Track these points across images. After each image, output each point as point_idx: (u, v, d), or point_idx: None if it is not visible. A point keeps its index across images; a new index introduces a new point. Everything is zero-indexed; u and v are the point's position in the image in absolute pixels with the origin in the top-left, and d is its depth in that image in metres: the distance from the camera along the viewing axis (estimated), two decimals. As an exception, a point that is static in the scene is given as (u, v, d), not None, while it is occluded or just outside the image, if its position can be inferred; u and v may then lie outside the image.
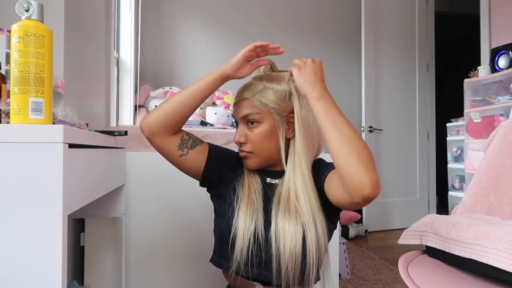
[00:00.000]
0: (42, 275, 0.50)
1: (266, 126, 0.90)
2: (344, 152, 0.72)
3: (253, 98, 0.89)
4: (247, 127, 0.91)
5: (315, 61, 0.84)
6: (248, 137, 0.90)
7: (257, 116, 0.89)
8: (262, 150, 0.91)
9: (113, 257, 1.46)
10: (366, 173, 0.70)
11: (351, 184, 0.71)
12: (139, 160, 1.46)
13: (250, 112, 0.89)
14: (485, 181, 1.31)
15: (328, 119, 0.76)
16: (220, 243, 0.92)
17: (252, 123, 0.90)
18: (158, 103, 2.73)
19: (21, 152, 0.50)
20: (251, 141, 0.90)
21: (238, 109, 0.91)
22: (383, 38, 3.39)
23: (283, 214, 0.86)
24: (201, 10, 3.25)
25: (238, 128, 0.93)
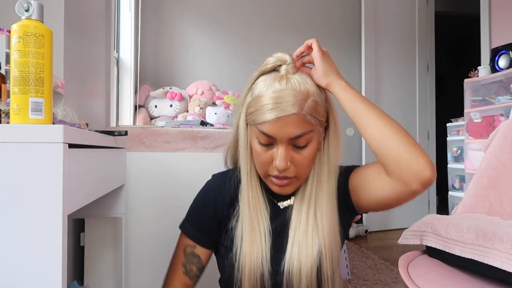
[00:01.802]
0: (42, 275, 0.50)
1: (314, 144, 0.75)
2: (393, 137, 0.66)
3: (304, 113, 0.70)
4: (293, 148, 0.73)
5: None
6: (294, 160, 0.73)
7: (309, 135, 0.73)
8: (306, 173, 0.77)
9: (113, 257, 1.46)
10: (420, 154, 0.64)
11: (407, 171, 0.63)
12: (139, 160, 1.46)
13: (303, 132, 0.71)
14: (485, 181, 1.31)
15: (366, 106, 0.70)
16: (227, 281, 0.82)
17: (301, 146, 0.73)
18: (158, 103, 2.73)
19: (21, 152, 0.50)
20: (298, 165, 0.74)
21: (284, 128, 0.70)
22: (383, 38, 3.39)
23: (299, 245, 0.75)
24: (201, 10, 3.25)
25: (280, 152, 0.72)
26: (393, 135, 0.66)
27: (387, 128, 0.67)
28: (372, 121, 0.68)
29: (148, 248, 1.47)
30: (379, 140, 0.67)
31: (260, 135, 0.73)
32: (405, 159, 0.64)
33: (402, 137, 0.66)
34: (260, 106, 0.71)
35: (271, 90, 0.71)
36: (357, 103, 0.71)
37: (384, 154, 0.67)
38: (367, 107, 0.70)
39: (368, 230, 3.18)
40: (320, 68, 0.74)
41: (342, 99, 0.72)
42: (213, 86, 2.88)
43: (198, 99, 2.73)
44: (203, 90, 2.80)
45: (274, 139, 0.72)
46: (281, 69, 0.75)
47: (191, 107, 2.72)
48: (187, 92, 2.83)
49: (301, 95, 0.71)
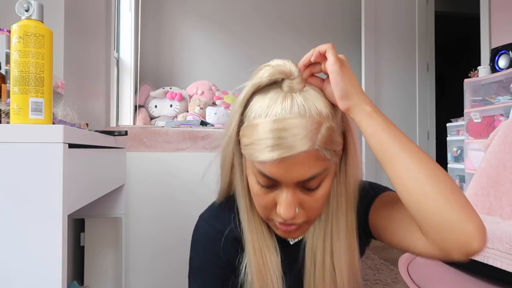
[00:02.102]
0: (42, 275, 0.50)
1: (329, 181, 0.58)
2: (435, 195, 0.48)
3: (317, 147, 0.53)
4: (302, 190, 0.57)
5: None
6: (303, 204, 0.57)
7: (324, 174, 0.56)
8: (319, 214, 0.62)
9: (113, 257, 1.46)
10: (469, 218, 0.47)
11: (449, 240, 0.48)
12: (139, 160, 1.46)
13: (317, 173, 0.55)
14: (485, 181, 1.31)
15: (397, 141, 0.52)
16: None
17: (312, 189, 0.57)
18: (158, 103, 2.73)
19: (21, 152, 0.50)
20: (309, 209, 0.58)
21: (293, 169, 0.53)
22: (383, 38, 3.39)
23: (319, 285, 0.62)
24: (202, 10, 3.25)
25: (284, 198, 0.56)
26: (435, 192, 0.49)
27: (428, 181, 0.49)
28: (407, 169, 0.51)
29: (148, 248, 1.47)
30: (415, 196, 0.50)
31: (259, 175, 0.56)
32: (448, 225, 0.48)
33: (447, 194, 0.48)
34: (257, 140, 0.53)
35: (271, 118, 0.53)
36: (387, 140, 0.53)
37: (421, 215, 0.50)
38: (401, 146, 0.52)
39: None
40: (338, 87, 0.55)
41: (367, 132, 0.54)
42: (213, 86, 2.89)
43: (198, 99, 2.73)
44: (203, 90, 2.80)
45: (277, 181, 0.56)
46: (284, 85, 0.56)
47: (191, 107, 2.72)
48: (187, 92, 2.83)
49: (312, 123, 0.53)
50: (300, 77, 0.57)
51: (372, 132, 0.54)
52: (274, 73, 0.56)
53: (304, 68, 0.59)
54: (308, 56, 0.59)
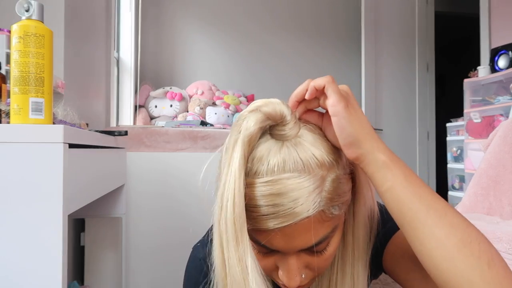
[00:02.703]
0: (42, 275, 0.50)
1: (339, 235, 0.50)
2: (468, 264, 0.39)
3: (323, 209, 0.44)
4: (309, 253, 0.47)
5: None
6: (310, 265, 0.49)
7: (332, 234, 0.47)
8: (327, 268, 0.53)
9: (113, 257, 1.46)
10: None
11: None
12: (139, 160, 1.46)
13: (324, 237, 0.46)
14: (484, 181, 1.31)
15: (420, 200, 0.41)
16: None
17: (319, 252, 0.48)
18: (158, 103, 2.73)
19: (21, 152, 0.50)
20: (317, 269, 0.49)
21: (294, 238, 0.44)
22: (383, 38, 3.39)
23: None
24: (202, 10, 3.25)
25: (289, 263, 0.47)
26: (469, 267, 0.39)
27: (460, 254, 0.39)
28: (433, 238, 0.40)
29: (148, 248, 1.47)
30: (444, 272, 0.39)
31: (254, 243, 0.47)
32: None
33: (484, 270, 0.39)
34: (247, 205, 0.43)
35: (264, 179, 0.43)
36: (407, 199, 0.42)
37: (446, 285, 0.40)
38: (426, 208, 0.41)
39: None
40: (345, 133, 0.43)
41: (382, 188, 0.43)
42: (213, 86, 2.89)
43: (198, 99, 2.73)
44: (203, 90, 2.81)
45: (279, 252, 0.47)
46: (274, 133, 0.45)
47: (191, 107, 2.72)
48: (187, 92, 2.83)
49: (314, 180, 0.43)
50: (293, 121, 0.45)
51: (388, 189, 0.43)
52: (263, 119, 0.44)
53: (297, 105, 0.48)
54: (302, 91, 0.47)
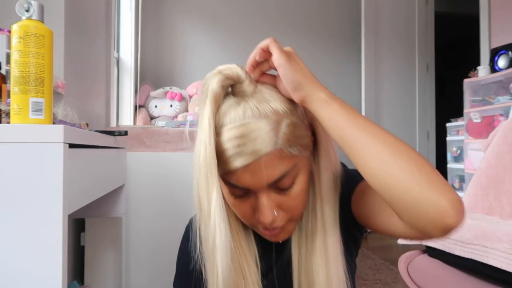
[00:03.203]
0: (42, 275, 0.50)
1: (304, 176, 0.56)
2: (401, 174, 0.45)
3: (280, 147, 0.51)
4: (277, 191, 0.55)
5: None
6: (282, 205, 0.56)
7: (295, 170, 0.54)
8: (301, 209, 0.59)
9: (113, 257, 1.46)
10: (440, 193, 0.44)
11: (423, 219, 0.45)
12: (139, 160, 1.46)
13: (285, 171, 0.53)
14: (485, 181, 1.31)
15: (355, 125, 0.48)
16: None
17: (285, 189, 0.55)
18: (158, 103, 2.73)
19: (21, 152, 0.50)
20: (288, 208, 0.56)
21: (257, 175, 0.52)
22: (383, 38, 3.39)
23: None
24: (202, 10, 3.25)
25: (259, 201, 0.54)
26: (400, 171, 0.45)
27: (391, 161, 0.46)
28: (368, 151, 0.47)
29: (148, 248, 1.47)
30: (381, 179, 0.46)
31: (229, 187, 0.55)
32: (418, 204, 0.44)
33: (414, 172, 0.45)
34: (222, 150, 0.51)
35: (228, 127, 0.51)
36: (345, 125, 0.49)
37: (389, 198, 0.46)
38: (361, 130, 0.48)
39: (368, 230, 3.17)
40: (288, 79, 0.52)
41: (324, 120, 0.50)
42: (213, 86, 2.88)
43: (198, 99, 2.73)
44: (203, 90, 2.80)
45: (248, 189, 0.54)
46: (236, 90, 0.54)
47: (191, 107, 2.72)
48: (187, 92, 2.83)
49: (270, 123, 0.51)
50: (248, 79, 0.54)
51: (329, 119, 0.50)
52: (223, 80, 0.53)
53: (252, 69, 0.57)
54: (253, 56, 0.57)
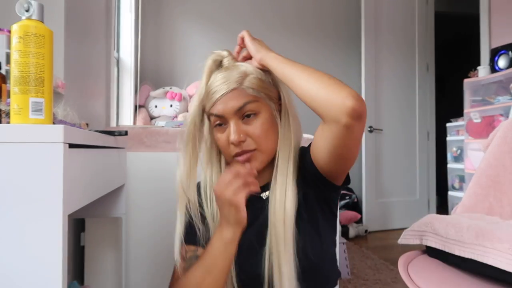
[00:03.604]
0: (42, 275, 0.50)
1: (265, 115, 0.79)
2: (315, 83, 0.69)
3: (244, 87, 0.77)
4: (243, 121, 0.78)
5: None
6: (248, 132, 0.77)
7: (254, 105, 0.77)
8: (268, 144, 0.79)
9: (113, 257, 1.46)
10: (341, 89, 0.65)
11: (332, 107, 0.65)
12: (139, 160, 1.46)
13: (246, 101, 0.76)
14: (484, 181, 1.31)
15: (293, 66, 0.73)
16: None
17: (249, 116, 0.77)
18: (158, 103, 2.73)
19: (21, 152, 0.50)
20: (253, 136, 0.77)
21: (228, 102, 0.76)
22: (383, 38, 3.39)
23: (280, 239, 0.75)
24: (202, 10, 3.25)
25: (230, 126, 0.77)
26: (314, 79, 0.70)
27: (310, 76, 0.70)
28: (297, 75, 0.72)
29: (148, 248, 1.47)
30: (305, 87, 0.70)
31: (214, 119, 0.79)
32: (327, 97, 0.66)
33: (323, 79, 0.69)
34: (208, 93, 0.79)
35: (215, 78, 0.79)
36: (287, 67, 0.74)
37: (312, 98, 0.69)
38: (294, 65, 0.74)
39: (368, 230, 3.18)
40: (252, 48, 0.81)
41: (273, 66, 0.76)
42: (213, 86, 2.88)
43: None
44: (203, 90, 2.80)
45: (224, 117, 0.78)
46: (223, 63, 0.83)
47: (191, 107, 2.72)
48: (187, 92, 2.83)
49: (239, 74, 0.78)
50: (230, 56, 0.84)
51: (277, 66, 0.75)
52: (214, 57, 0.83)
53: (237, 55, 0.86)
54: (237, 46, 0.86)
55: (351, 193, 3.35)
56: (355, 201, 3.33)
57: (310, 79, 0.70)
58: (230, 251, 0.73)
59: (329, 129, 0.68)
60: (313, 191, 0.81)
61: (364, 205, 3.27)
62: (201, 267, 0.74)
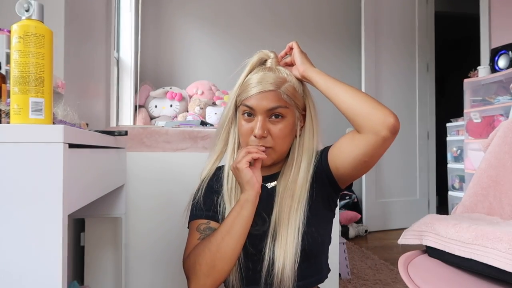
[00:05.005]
0: (42, 275, 0.50)
1: (289, 121, 0.87)
2: (360, 98, 0.80)
3: (280, 91, 0.85)
4: (270, 120, 0.86)
5: None
6: (270, 131, 0.86)
7: (284, 110, 0.85)
8: (283, 147, 0.88)
9: (113, 257, 1.46)
10: (383, 107, 0.78)
11: (375, 121, 0.76)
12: (139, 160, 1.46)
13: (278, 105, 0.85)
14: (485, 181, 1.31)
15: (337, 82, 0.83)
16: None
17: (277, 117, 0.86)
18: (158, 103, 2.73)
19: (21, 152, 0.50)
20: (273, 136, 0.86)
21: (263, 100, 0.85)
22: (383, 38, 3.39)
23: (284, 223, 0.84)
24: (201, 9, 3.25)
25: (258, 121, 0.85)
26: (360, 97, 0.81)
27: (355, 93, 0.81)
28: (342, 91, 0.82)
29: (148, 248, 1.47)
30: (349, 102, 0.80)
31: (244, 109, 0.87)
32: (372, 111, 0.77)
33: (367, 98, 0.81)
34: (246, 86, 0.87)
35: (257, 75, 0.87)
36: (329, 81, 0.84)
37: (355, 112, 0.79)
38: (338, 82, 0.84)
39: (368, 230, 3.18)
40: (298, 58, 0.89)
41: (316, 79, 0.85)
42: (213, 86, 2.89)
43: (198, 99, 2.73)
44: (203, 90, 2.80)
45: (254, 110, 0.85)
46: (267, 63, 0.92)
47: (191, 107, 2.72)
48: (187, 92, 2.83)
49: (280, 78, 0.86)
50: (276, 58, 0.92)
51: (319, 79, 0.85)
52: (262, 55, 0.92)
53: (281, 59, 0.94)
54: (283, 51, 0.95)
55: (351, 193, 3.35)
56: (355, 201, 3.33)
57: (354, 96, 0.81)
58: (246, 211, 0.82)
59: (365, 138, 0.79)
60: (320, 187, 0.89)
61: (364, 205, 3.27)
62: (221, 229, 0.82)
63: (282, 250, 0.82)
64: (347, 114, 0.81)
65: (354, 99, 0.80)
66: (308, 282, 0.87)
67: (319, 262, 0.90)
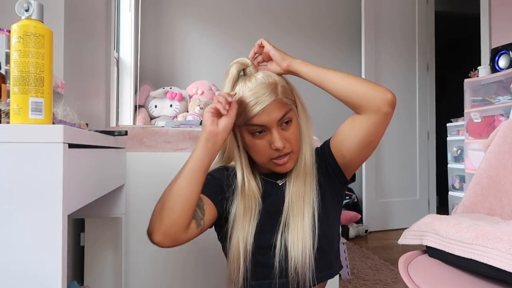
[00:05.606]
0: (42, 275, 0.50)
1: (295, 120, 0.89)
2: (356, 81, 0.82)
3: (280, 97, 0.84)
4: (282, 128, 0.86)
5: None
6: (286, 138, 0.86)
7: (290, 113, 0.86)
8: (298, 146, 0.89)
9: (113, 257, 1.46)
10: (380, 86, 0.81)
11: (375, 99, 0.79)
12: (139, 160, 1.46)
13: (286, 111, 0.85)
14: (485, 181, 1.31)
15: (324, 69, 0.84)
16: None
17: (287, 123, 0.86)
18: (158, 103, 2.73)
19: (21, 152, 0.50)
20: (290, 141, 0.86)
21: (271, 113, 0.83)
22: (383, 38, 3.39)
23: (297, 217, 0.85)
24: (201, 9, 3.25)
25: (274, 134, 0.84)
26: (355, 80, 0.83)
27: (347, 76, 0.83)
28: (335, 76, 0.83)
29: (148, 248, 1.46)
30: (345, 85, 0.82)
31: (253, 129, 0.85)
32: (369, 91, 0.80)
33: (360, 78, 0.83)
34: (245, 106, 0.84)
35: (247, 90, 0.84)
36: (318, 69, 0.85)
37: (353, 94, 0.81)
38: (327, 70, 0.85)
39: (368, 230, 3.18)
40: (276, 56, 0.88)
41: (304, 71, 0.86)
42: (213, 86, 2.89)
43: (198, 99, 2.73)
44: (203, 90, 2.80)
45: (266, 126, 0.84)
46: (247, 72, 0.90)
47: (191, 107, 2.72)
48: (187, 92, 2.83)
49: (271, 85, 0.85)
50: (253, 65, 0.90)
51: (308, 70, 0.86)
52: (238, 67, 0.89)
53: (252, 60, 0.92)
54: (252, 51, 0.94)
55: (351, 193, 3.35)
56: (355, 201, 3.33)
57: (347, 78, 0.82)
58: (198, 149, 0.82)
59: (367, 118, 0.81)
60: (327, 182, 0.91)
61: (364, 205, 3.27)
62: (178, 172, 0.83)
63: (298, 240, 0.83)
64: (344, 98, 0.82)
65: (349, 82, 0.82)
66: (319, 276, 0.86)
67: (330, 257, 0.90)
